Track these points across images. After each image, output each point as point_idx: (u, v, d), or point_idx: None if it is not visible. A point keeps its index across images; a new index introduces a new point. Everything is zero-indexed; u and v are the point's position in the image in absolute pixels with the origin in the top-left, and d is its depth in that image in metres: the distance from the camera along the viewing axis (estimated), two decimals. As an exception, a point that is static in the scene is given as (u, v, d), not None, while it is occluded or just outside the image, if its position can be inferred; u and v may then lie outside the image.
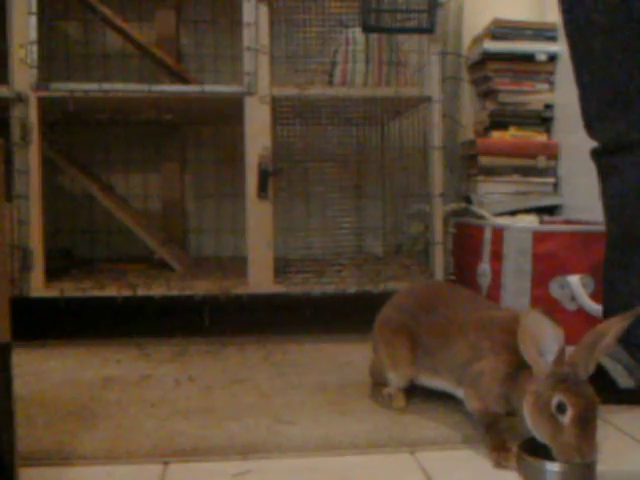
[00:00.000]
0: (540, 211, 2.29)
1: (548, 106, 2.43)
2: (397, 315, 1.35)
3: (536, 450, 1.04)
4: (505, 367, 1.12)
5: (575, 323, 1.88)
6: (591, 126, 1.44)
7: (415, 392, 1.33)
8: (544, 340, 1.03)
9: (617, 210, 1.44)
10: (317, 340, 1.89)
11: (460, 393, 1.22)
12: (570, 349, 1.05)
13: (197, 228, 2.56)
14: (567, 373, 1.02)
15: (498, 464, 1.08)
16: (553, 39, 2.42)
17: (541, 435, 1.02)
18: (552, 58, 2.42)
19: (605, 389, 1.37)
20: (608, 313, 1.45)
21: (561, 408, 0.99)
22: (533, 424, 1.03)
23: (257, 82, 1.84)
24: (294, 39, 2.03)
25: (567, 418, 0.98)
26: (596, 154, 1.46)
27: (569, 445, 0.98)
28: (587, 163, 1.50)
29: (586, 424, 0.98)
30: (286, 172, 2.04)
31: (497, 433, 1.13)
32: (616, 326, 1.07)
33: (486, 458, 1.10)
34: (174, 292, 1.86)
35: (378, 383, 1.38)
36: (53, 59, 2.32)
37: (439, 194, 1.92)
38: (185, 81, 2.23)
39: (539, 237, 1.87)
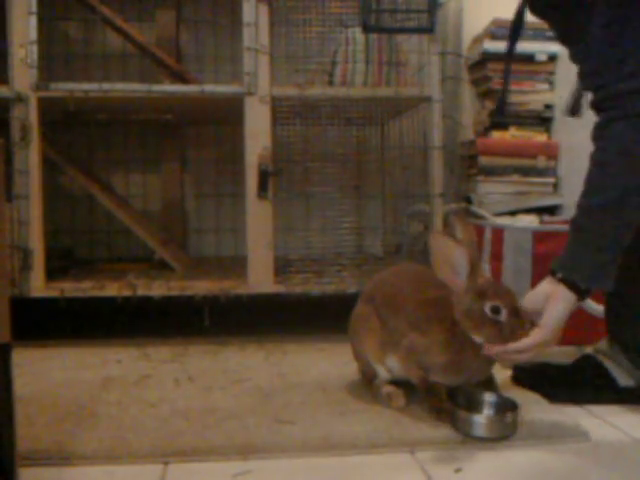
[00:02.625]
0: (540, 211, 2.29)
1: (548, 106, 2.43)
2: (363, 305, 1.39)
3: (469, 405, 1.22)
4: (447, 337, 1.21)
5: (575, 323, 1.88)
6: (585, 77, 1.33)
7: (415, 392, 1.33)
8: (454, 260, 1.16)
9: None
10: (317, 340, 1.89)
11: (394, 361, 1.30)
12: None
13: (197, 228, 2.56)
14: (484, 283, 1.18)
15: (438, 420, 1.22)
16: (553, 39, 2.42)
17: (487, 339, 1.16)
18: (552, 58, 2.42)
19: (605, 388, 1.37)
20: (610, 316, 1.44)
21: (495, 310, 1.15)
22: (478, 335, 1.17)
23: (257, 82, 1.84)
24: (294, 39, 2.03)
25: (503, 316, 1.15)
26: (593, 107, 1.33)
27: (514, 332, 1.15)
28: (587, 163, 1.49)
29: (518, 312, 1.16)
30: (286, 172, 2.04)
31: (435, 396, 1.26)
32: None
33: (486, 456, 1.10)
34: (174, 292, 1.86)
35: (369, 379, 1.39)
36: (53, 59, 2.32)
37: (439, 194, 1.92)
38: (185, 81, 2.23)
39: (539, 237, 1.87)
